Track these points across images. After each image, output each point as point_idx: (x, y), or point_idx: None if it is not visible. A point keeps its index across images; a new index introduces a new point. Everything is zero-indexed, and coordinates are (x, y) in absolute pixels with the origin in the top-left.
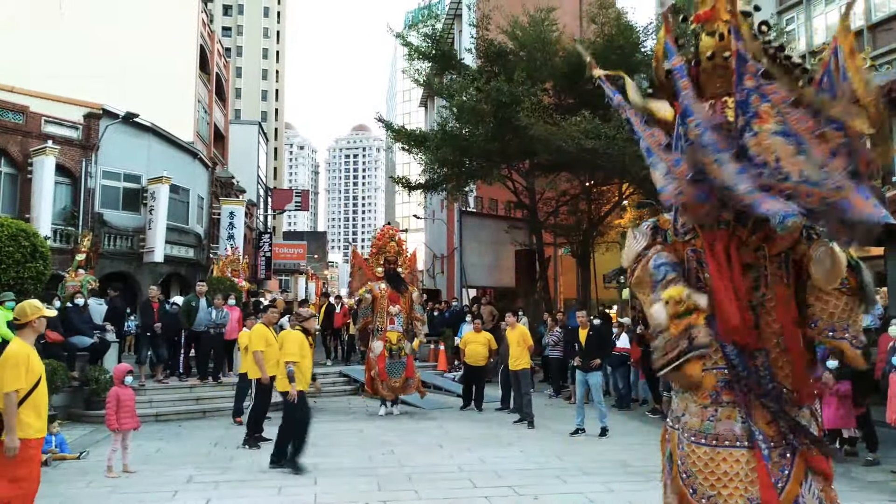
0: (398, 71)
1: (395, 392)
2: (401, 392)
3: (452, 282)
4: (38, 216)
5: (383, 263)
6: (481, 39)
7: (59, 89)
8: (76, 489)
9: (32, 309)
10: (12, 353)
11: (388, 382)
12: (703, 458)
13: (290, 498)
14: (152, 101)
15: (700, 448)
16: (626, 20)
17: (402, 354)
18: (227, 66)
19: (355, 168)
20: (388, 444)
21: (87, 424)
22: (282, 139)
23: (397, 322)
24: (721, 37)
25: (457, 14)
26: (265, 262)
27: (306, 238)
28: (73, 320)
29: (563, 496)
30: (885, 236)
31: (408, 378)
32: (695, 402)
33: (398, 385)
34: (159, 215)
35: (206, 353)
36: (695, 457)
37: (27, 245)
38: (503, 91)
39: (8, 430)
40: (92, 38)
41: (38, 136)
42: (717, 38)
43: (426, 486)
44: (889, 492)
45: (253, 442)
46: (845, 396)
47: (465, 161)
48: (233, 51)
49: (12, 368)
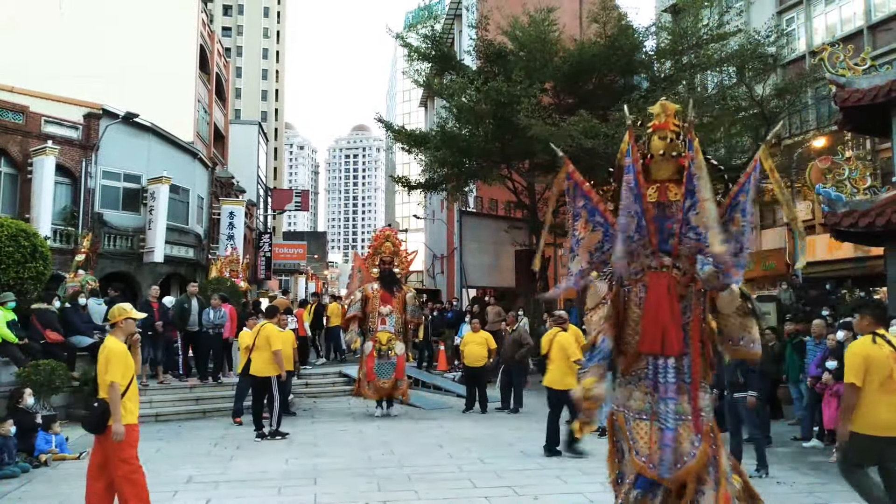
0: (398, 71)
1: (381, 393)
2: (389, 393)
3: (452, 282)
4: (38, 216)
5: (378, 264)
6: (480, 40)
7: (59, 89)
8: (76, 489)
9: (119, 311)
10: (115, 350)
11: (375, 383)
12: (644, 428)
13: (290, 498)
14: (152, 101)
15: (643, 422)
16: (628, 21)
17: (391, 355)
18: (227, 66)
19: (355, 168)
20: (388, 444)
21: None
22: (282, 139)
23: (389, 323)
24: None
25: (457, 14)
26: (265, 262)
27: (306, 238)
28: (73, 320)
29: (563, 496)
30: (886, 236)
31: (397, 380)
32: (639, 391)
33: (387, 386)
34: (159, 215)
35: (206, 353)
36: (638, 428)
37: (27, 245)
38: (502, 91)
39: (114, 417)
40: (92, 38)
41: (38, 136)
42: (667, 140)
43: (426, 486)
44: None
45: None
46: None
47: (465, 161)
48: (233, 51)
49: (115, 363)
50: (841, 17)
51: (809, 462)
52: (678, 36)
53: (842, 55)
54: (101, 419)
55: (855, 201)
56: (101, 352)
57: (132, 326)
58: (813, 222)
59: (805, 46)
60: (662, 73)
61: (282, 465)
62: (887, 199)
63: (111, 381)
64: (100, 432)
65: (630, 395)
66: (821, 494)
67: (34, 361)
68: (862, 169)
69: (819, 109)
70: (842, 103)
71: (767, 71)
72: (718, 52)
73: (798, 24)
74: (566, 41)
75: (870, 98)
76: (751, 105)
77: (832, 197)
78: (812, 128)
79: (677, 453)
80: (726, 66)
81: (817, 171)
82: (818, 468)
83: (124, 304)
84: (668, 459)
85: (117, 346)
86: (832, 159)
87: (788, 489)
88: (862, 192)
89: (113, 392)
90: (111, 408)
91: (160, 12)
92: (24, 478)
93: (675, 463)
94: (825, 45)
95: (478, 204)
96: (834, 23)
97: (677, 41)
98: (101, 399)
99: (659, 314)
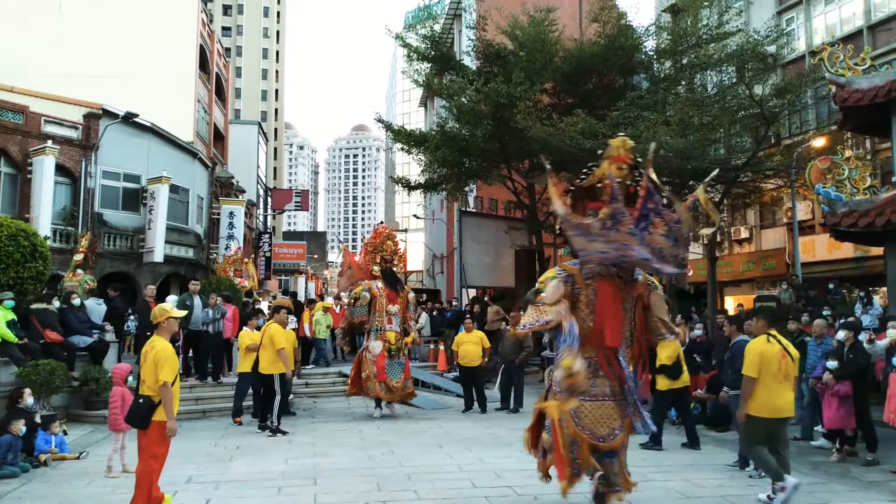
0: (398, 71)
1: (393, 394)
2: (400, 393)
3: (452, 282)
4: (38, 216)
5: (380, 262)
6: (479, 40)
7: (59, 89)
8: (76, 489)
9: (161, 312)
10: (164, 351)
11: (387, 383)
12: (589, 408)
13: (290, 498)
14: (152, 101)
15: (587, 402)
16: (627, 21)
17: (400, 355)
18: (226, 66)
19: (355, 168)
20: (388, 444)
21: (87, 424)
22: (282, 139)
23: (395, 322)
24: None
25: (456, 14)
26: (265, 262)
27: (306, 238)
28: (69, 320)
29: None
30: (886, 236)
31: (406, 380)
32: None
33: (398, 386)
34: (159, 215)
35: (206, 353)
36: (584, 407)
37: (27, 245)
38: (501, 92)
39: (168, 415)
40: (92, 38)
41: (38, 136)
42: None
43: (426, 486)
44: (889, 492)
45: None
46: (845, 396)
47: (465, 161)
48: (233, 51)
49: (165, 363)
50: (841, 17)
51: (809, 462)
52: (678, 36)
53: (842, 55)
54: (147, 415)
55: (855, 201)
56: (147, 351)
57: (175, 325)
58: (813, 222)
59: (805, 46)
60: (662, 73)
61: (282, 465)
62: (887, 199)
63: (164, 380)
64: (143, 427)
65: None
66: (821, 494)
67: (34, 361)
68: (862, 169)
69: (819, 109)
70: (842, 103)
71: (767, 71)
72: (718, 52)
73: (798, 24)
74: (566, 41)
75: (870, 98)
76: (750, 105)
77: (832, 197)
78: (812, 128)
79: (612, 426)
80: (726, 66)
81: (817, 171)
82: (818, 468)
83: (165, 305)
84: (605, 431)
85: (166, 347)
86: (832, 159)
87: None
88: (862, 192)
89: (166, 391)
90: (164, 406)
91: (160, 12)
92: (24, 478)
93: (609, 435)
94: (825, 45)
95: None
96: (834, 23)
97: (677, 41)
98: (144, 396)
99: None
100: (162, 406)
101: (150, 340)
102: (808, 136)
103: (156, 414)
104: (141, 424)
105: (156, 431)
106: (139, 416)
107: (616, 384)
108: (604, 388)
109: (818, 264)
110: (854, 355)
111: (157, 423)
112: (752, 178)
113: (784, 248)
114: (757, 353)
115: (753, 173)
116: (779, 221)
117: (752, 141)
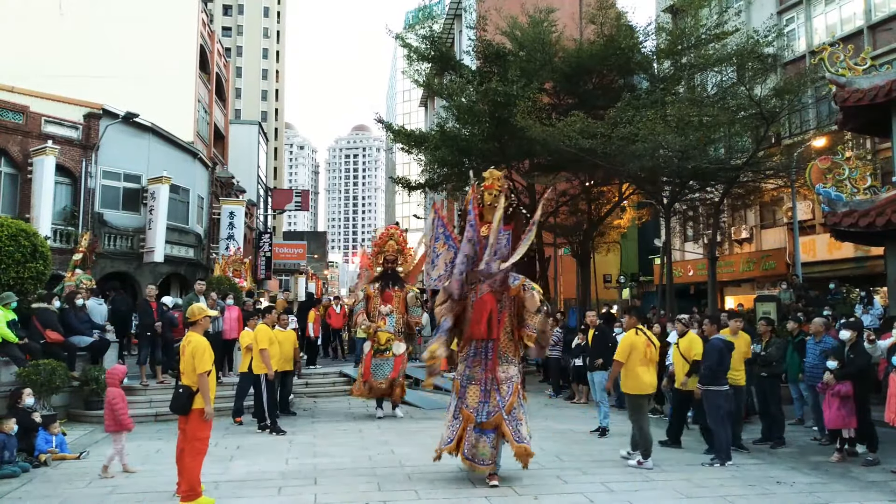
0: (398, 71)
1: (376, 393)
2: (385, 394)
3: None
4: (38, 216)
5: (382, 263)
6: (479, 40)
7: (59, 89)
8: (76, 489)
9: (199, 310)
10: (201, 344)
11: (370, 382)
12: (471, 391)
13: (290, 498)
14: (152, 101)
15: (470, 386)
16: (626, 21)
17: (388, 355)
18: (227, 66)
19: (355, 168)
20: (388, 444)
21: (87, 424)
22: (282, 139)
23: (388, 322)
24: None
25: (456, 14)
26: (265, 262)
27: (306, 238)
28: (69, 321)
29: (563, 496)
30: (886, 236)
31: (393, 380)
32: (464, 364)
33: (383, 386)
34: (159, 215)
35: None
36: (466, 390)
37: (27, 245)
38: (499, 92)
39: (206, 401)
40: (92, 38)
41: (38, 136)
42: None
43: (426, 486)
44: (889, 492)
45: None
46: (846, 397)
47: (465, 161)
48: (233, 51)
49: (202, 355)
50: (841, 17)
51: (810, 462)
52: (677, 36)
53: (842, 55)
54: (188, 403)
55: (855, 201)
56: (184, 345)
57: (208, 323)
58: (813, 222)
59: (805, 46)
60: (661, 74)
61: (282, 465)
62: (887, 199)
63: (204, 370)
64: (185, 414)
65: (465, 367)
66: (821, 494)
67: (34, 361)
68: (862, 169)
69: (819, 109)
70: (842, 103)
71: (767, 71)
72: (717, 52)
73: (798, 24)
74: (565, 41)
75: (870, 98)
76: (750, 105)
77: (832, 197)
78: (812, 128)
79: (490, 406)
80: (725, 65)
81: (817, 170)
82: (818, 468)
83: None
84: (484, 410)
85: (201, 341)
86: (832, 159)
87: (788, 489)
88: (862, 192)
89: (203, 380)
90: (202, 394)
91: (160, 12)
92: (24, 478)
93: (488, 414)
94: (825, 45)
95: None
96: (834, 23)
97: (676, 41)
98: (184, 385)
99: (483, 312)
100: (200, 394)
101: (186, 336)
102: (808, 136)
103: (195, 402)
104: (182, 411)
105: (197, 418)
106: (180, 404)
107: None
108: (477, 373)
109: (818, 264)
110: (855, 356)
111: (197, 410)
112: (752, 178)
113: (784, 248)
114: (628, 343)
115: (753, 173)
116: (779, 221)
117: (752, 141)
